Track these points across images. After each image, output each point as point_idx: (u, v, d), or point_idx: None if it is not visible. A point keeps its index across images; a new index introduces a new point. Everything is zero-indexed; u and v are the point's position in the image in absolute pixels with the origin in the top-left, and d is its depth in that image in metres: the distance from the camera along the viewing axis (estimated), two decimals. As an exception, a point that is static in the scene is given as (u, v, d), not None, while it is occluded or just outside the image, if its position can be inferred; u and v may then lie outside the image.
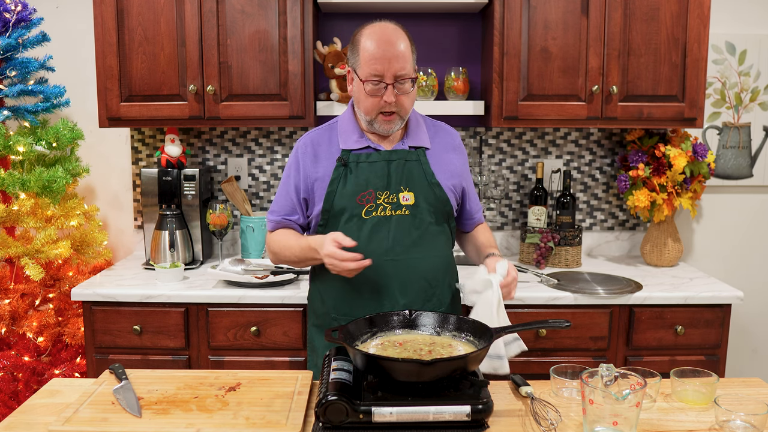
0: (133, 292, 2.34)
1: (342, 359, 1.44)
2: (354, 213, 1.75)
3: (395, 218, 1.75)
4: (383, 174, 1.76)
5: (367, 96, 1.71)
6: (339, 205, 1.76)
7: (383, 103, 1.69)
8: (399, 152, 1.78)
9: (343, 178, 1.76)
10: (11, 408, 2.39)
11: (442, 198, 1.79)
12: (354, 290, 1.77)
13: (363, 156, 1.77)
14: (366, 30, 1.73)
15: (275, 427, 1.31)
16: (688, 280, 2.54)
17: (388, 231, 1.75)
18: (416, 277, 1.77)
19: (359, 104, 1.76)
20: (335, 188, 1.76)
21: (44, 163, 2.67)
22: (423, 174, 1.78)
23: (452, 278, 1.89)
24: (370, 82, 1.69)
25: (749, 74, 2.92)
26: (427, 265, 1.79)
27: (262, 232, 2.74)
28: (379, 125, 1.75)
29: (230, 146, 2.93)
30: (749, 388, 1.55)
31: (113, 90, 2.53)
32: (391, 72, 1.67)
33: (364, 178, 1.75)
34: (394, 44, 1.68)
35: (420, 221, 1.77)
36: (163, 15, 2.49)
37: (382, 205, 1.75)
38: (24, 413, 1.42)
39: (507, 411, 1.39)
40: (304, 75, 2.52)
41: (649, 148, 2.72)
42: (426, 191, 1.77)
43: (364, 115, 1.75)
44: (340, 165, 1.76)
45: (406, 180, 1.76)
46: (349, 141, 1.79)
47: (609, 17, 2.48)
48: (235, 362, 2.36)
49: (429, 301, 1.79)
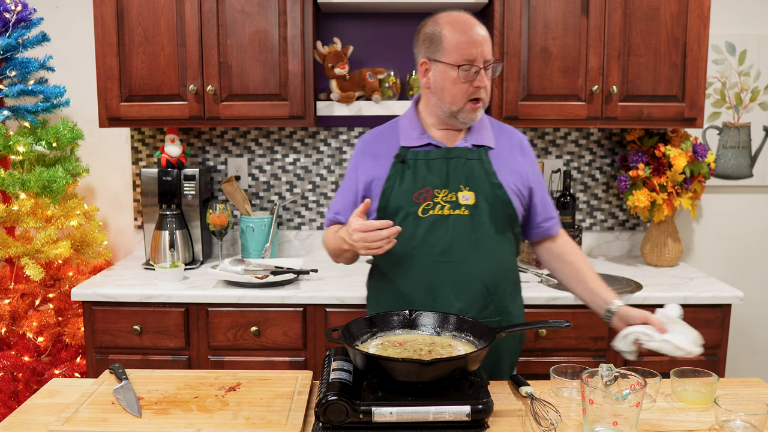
0: (133, 292, 2.34)
1: (342, 359, 1.44)
2: (410, 211, 1.68)
3: (453, 218, 1.67)
4: (442, 172, 1.69)
5: (456, 83, 1.64)
6: (395, 203, 1.69)
7: (473, 89, 1.64)
8: (460, 150, 1.71)
9: (400, 176, 1.70)
10: (11, 408, 2.39)
11: (504, 199, 1.70)
12: (408, 293, 1.70)
13: (422, 153, 1.71)
14: (443, 19, 1.68)
15: (275, 427, 1.31)
16: (688, 280, 2.54)
17: (445, 231, 1.67)
18: (473, 282, 1.68)
19: (443, 94, 1.67)
20: (392, 185, 1.70)
21: (44, 163, 2.67)
22: (485, 173, 1.69)
23: (515, 288, 1.80)
24: (463, 68, 1.62)
25: (749, 74, 2.92)
26: (486, 269, 1.69)
27: (262, 232, 2.74)
28: (464, 115, 1.67)
29: (230, 146, 2.93)
30: (749, 388, 1.55)
31: (113, 90, 2.53)
32: (482, 56, 1.63)
33: (422, 176, 1.69)
34: (478, 28, 1.65)
35: (479, 223, 1.68)
36: (163, 15, 2.49)
37: (439, 203, 1.68)
38: (24, 413, 1.42)
39: (507, 411, 1.39)
40: (304, 75, 2.52)
41: (649, 148, 2.72)
42: (487, 191, 1.69)
43: (449, 105, 1.67)
44: (398, 162, 1.71)
45: (467, 178, 1.68)
46: (410, 138, 1.73)
47: (609, 17, 2.48)
48: (235, 362, 2.36)
49: (486, 308, 1.70)
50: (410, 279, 1.69)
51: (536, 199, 1.80)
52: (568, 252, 1.83)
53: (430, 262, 1.66)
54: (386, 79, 2.71)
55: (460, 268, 1.68)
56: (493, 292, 1.71)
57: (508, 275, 1.76)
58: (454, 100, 1.67)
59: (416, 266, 1.69)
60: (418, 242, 1.67)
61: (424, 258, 1.66)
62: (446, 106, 1.68)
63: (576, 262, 1.81)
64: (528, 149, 1.82)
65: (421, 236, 1.68)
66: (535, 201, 1.79)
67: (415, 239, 1.67)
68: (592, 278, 1.76)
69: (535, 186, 1.79)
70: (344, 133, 2.92)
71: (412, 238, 1.67)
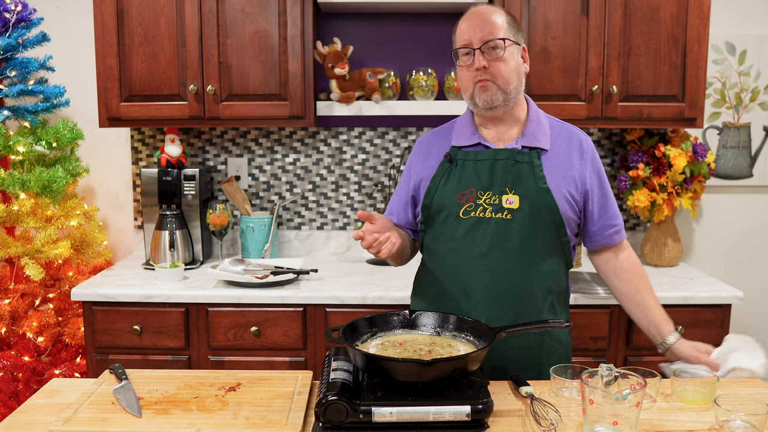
0: (133, 292, 2.34)
1: (342, 359, 1.44)
2: (452, 212, 1.65)
3: (494, 221, 1.61)
4: (488, 173, 1.64)
5: (461, 69, 1.65)
6: (438, 203, 1.67)
7: (474, 71, 1.61)
8: (508, 151, 1.65)
9: (446, 175, 1.67)
10: (11, 408, 2.39)
11: (552, 206, 1.61)
12: (443, 294, 1.68)
13: (471, 154, 1.67)
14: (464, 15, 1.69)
15: (275, 427, 1.31)
16: (688, 280, 2.54)
17: (484, 234, 1.62)
18: (508, 291, 1.62)
19: (460, 85, 1.68)
20: (437, 184, 1.68)
21: (44, 163, 2.67)
22: (533, 177, 1.62)
23: (559, 302, 1.70)
24: (461, 52, 1.63)
25: (749, 74, 2.92)
26: (525, 279, 1.62)
27: (262, 232, 2.74)
28: (478, 98, 1.63)
29: (230, 146, 2.93)
30: (749, 388, 1.54)
31: (113, 90, 2.53)
32: (478, 37, 1.60)
33: (468, 176, 1.65)
34: (484, 14, 1.63)
35: (522, 228, 1.61)
36: (163, 15, 2.49)
37: (482, 205, 1.62)
38: (24, 413, 1.42)
39: (507, 411, 1.39)
40: (304, 75, 2.52)
41: (649, 148, 2.72)
42: (533, 196, 1.61)
43: (465, 94, 1.67)
44: (446, 161, 1.68)
45: (513, 182, 1.62)
46: (462, 138, 1.71)
47: (609, 17, 2.48)
48: (235, 362, 2.36)
49: (520, 319, 1.61)
50: (447, 280, 1.67)
51: (592, 205, 1.70)
52: (627, 269, 1.75)
53: (466, 264, 1.64)
54: (386, 79, 2.71)
55: (496, 275, 1.62)
56: (532, 303, 1.63)
57: (550, 286, 1.66)
58: (465, 87, 1.66)
59: (452, 268, 1.67)
60: (457, 244, 1.65)
61: (461, 260, 1.64)
62: (465, 95, 1.68)
63: (635, 281, 1.73)
64: (589, 151, 1.70)
65: (459, 238, 1.64)
66: (590, 207, 1.70)
67: (454, 240, 1.65)
68: (650, 304, 1.71)
69: (593, 190, 1.69)
70: (344, 133, 2.92)
71: (452, 239, 1.65)
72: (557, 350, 1.70)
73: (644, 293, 1.73)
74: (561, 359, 1.70)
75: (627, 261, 1.77)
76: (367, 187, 2.95)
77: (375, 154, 2.93)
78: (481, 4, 2.58)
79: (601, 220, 1.72)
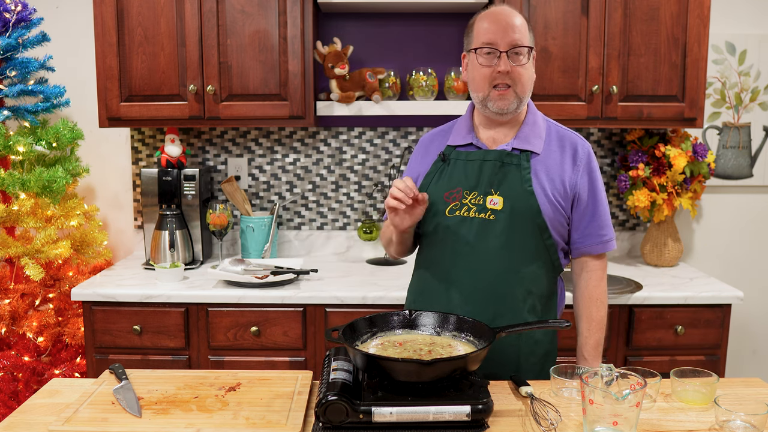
0: (133, 292, 2.34)
1: (342, 359, 1.44)
2: (439, 209, 1.68)
3: (477, 221, 1.63)
4: (475, 173, 1.66)
5: (479, 67, 1.62)
6: (428, 200, 1.68)
7: (496, 73, 1.59)
8: (497, 153, 1.66)
9: (438, 174, 1.71)
10: (11, 408, 2.39)
11: (534, 208, 1.61)
12: (428, 290, 1.72)
13: (463, 154, 1.70)
14: (481, 13, 1.67)
15: (275, 427, 1.31)
16: (688, 280, 2.54)
17: (467, 233, 1.64)
18: (486, 289, 1.63)
19: (472, 83, 1.66)
20: (429, 182, 1.72)
21: (44, 163, 2.67)
22: (519, 179, 1.63)
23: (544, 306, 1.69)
24: (482, 50, 1.60)
25: (749, 74, 2.91)
26: (504, 279, 1.63)
27: (261, 232, 2.74)
28: (492, 103, 1.63)
29: (230, 146, 2.93)
30: (749, 388, 1.54)
31: (113, 90, 2.53)
32: (506, 40, 1.58)
33: (457, 176, 1.68)
34: (509, 16, 1.62)
35: (504, 229, 1.62)
36: (163, 15, 2.49)
37: (467, 205, 1.65)
38: (24, 413, 1.42)
39: (507, 411, 1.39)
40: (304, 75, 2.52)
41: (649, 148, 2.72)
42: (518, 198, 1.62)
43: (477, 93, 1.65)
44: (440, 160, 1.72)
45: (498, 183, 1.63)
46: (457, 137, 1.73)
47: (609, 17, 2.48)
48: (235, 362, 2.36)
49: (502, 316, 1.62)
50: (431, 276, 1.71)
51: (578, 212, 1.68)
52: (587, 292, 1.73)
53: (448, 262, 1.67)
54: (386, 79, 2.71)
55: (476, 274, 1.64)
56: (510, 302, 1.64)
57: (530, 288, 1.66)
58: (480, 86, 1.64)
59: (435, 264, 1.71)
60: (441, 241, 1.69)
61: (443, 257, 1.67)
62: (476, 94, 1.67)
63: (588, 308, 1.72)
64: (584, 158, 1.68)
65: (444, 235, 1.68)
66: (576, 214, 1.69)
67: (438, 237, 1.68)
68: (586, 338, 1.71)
69: (581, 197, 1.67)
70: (344, 133, 2.92)
71: (436, 236, 1.68)
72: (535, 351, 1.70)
73: (586, 323, 1.72)
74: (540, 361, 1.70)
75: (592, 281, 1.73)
76: (367, 187, 2.95)
77: (375, 154, 2.93)
78: (487, 4, 2.59)
79: (587, 229, 1.70)
